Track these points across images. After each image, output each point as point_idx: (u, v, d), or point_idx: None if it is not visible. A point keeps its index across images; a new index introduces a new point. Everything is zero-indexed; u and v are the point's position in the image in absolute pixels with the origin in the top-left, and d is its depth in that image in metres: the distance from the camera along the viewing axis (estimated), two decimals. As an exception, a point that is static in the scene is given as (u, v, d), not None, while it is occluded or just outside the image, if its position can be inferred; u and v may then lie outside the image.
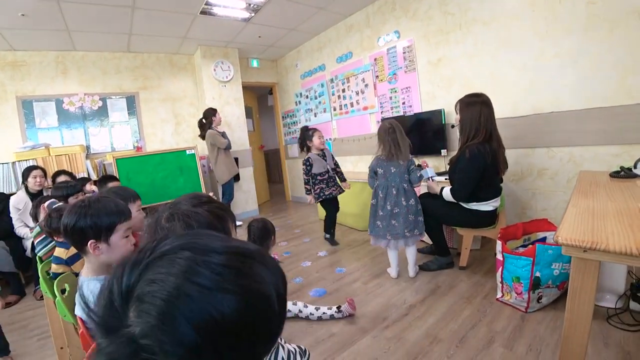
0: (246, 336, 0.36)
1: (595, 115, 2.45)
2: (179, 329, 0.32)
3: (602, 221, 1.09)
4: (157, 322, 0.32)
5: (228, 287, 0.35)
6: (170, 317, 0.32)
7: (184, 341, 0.32)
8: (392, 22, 3.87)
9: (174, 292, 0.33)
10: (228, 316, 0.34)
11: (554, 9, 2.57)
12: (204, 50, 4.97)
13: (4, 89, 4.03)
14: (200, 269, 0.36)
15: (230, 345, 0.34)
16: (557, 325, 1.79)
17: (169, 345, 0.32)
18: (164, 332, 0.32)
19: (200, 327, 0.33)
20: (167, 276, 0.35)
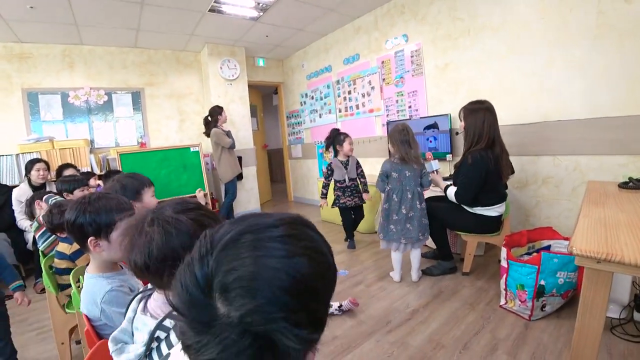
0: (321, 286, 0.43)
1: (602, 125, 2.45)
2: (274, 298, 0.37)
3: (614, 232, 1.09)
4: (253, 301, 0.36)
5: (297, 251, 0.41)
6: (263, 292, 0.37)
7: (281, 306, 0.37)
8: (401, 26, 3.87)
9: (256, 271, 0.38)
10: (306, 274, 0.40)
11: (564, 17, 2.56)
12: (211, 48, 4.97)
13: (10, 81, 4.02)
14: (269, 244, 0.41)
15: (312, 297, 0.41)
16: (560, 334, 1.79)
17: (270, 314, 0.36)
18: (263, 305, 0.36)
19: (289, 290, 0.38)
20: (242, 261, 0.39)
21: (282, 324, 0.36)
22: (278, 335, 0.36)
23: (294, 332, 0.37)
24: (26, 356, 2.01)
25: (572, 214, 2.69)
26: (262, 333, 0.36)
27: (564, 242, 2.22)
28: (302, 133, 6.02)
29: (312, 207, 5.73)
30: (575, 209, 2.66)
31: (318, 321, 0.42)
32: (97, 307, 1.09)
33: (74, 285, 1.44)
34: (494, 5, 2.98)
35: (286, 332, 0.37)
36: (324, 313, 0.44)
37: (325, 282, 0.44)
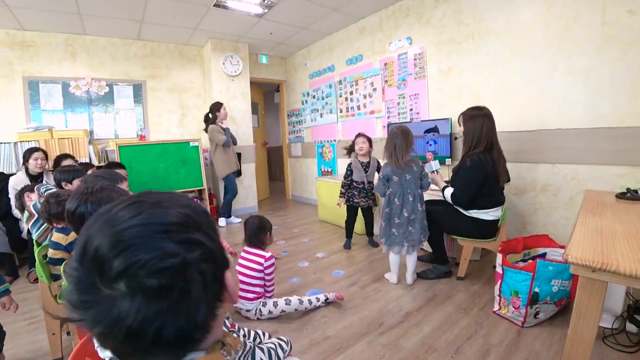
0: (192, 225, 0.44)
1: (603, 135, 2.45)
2: (160, 248, 0.39)
3: (610, 242, 1.09)
4: (132, 258, 0.38)
5: (160, 205, 0.44)
6: (147, 245, 0.39)
7: (168, 253, 0.39)
8: (405, 28, 3.87)
9: (114, 235, 0.40)
10: (171, 219, 0.42)
11: (568, 26, 2.57)
12: (215, 43, 4.96)
13: (12, 68, 4.01)
14: (134, 209, 0.43)
15: (187, 230, 0.43)
16: (553, 342, 1.79)
17: (160, 261, 0.38)
18: (152, 258, 0.38)
19: (167, 233, 0.40)
20: (101, 234, 0.40)
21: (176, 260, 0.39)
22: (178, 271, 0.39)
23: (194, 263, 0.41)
24: (17, 345, 2.00)
25: (569, 223, 2.69)
26: (153, 283, 0.37)
27: (560, 250, 2.22)
28: (303, 132, 6.02)
29: (310, 206, 5.73)
30: (572, 218, 2.67)
31: (203, 247, 0.43)
32: None
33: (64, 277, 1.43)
34: (498, 10, 2.98)
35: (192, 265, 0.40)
36: (211, 244, 0.45)
37: (195, 217, 0.46)
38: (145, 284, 0.37)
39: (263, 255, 2.14)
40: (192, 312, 0.40)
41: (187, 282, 0.39)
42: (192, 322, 0.40)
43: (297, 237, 3.92)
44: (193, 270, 0.40)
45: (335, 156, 5.22)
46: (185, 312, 0.39)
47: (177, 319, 0.39)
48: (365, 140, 3.33)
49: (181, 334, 0.39)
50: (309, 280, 2.71)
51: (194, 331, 0.41)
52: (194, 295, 0.40)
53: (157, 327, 0.37)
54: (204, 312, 0.41)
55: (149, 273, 0.37)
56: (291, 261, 3.14)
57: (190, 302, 0.39)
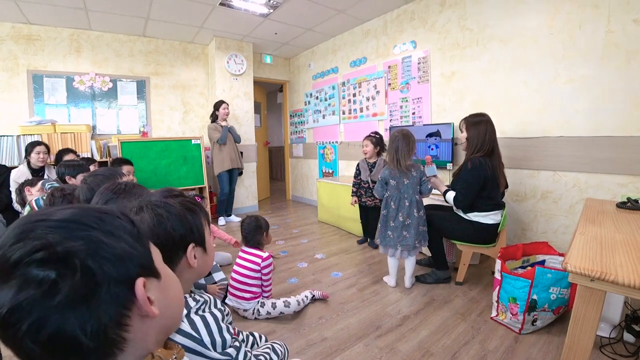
0: (91, 223, 0.41)
1: (604, 144, 2.45)
2: (46, 239, 0.36)
3: (610, 251, 1.09)
4: (27, 247, 0.36)
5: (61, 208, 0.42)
6: (35, 237, 0.36)
7: (52, 243, 0.36)
8: (410, 32, 3.88)
9: (25, 227, 0.38)
10: (66, 216, 0.40)
11: (572, 34, 2.57)
12: (219, 42, 4.97)
13: (16, 62, 4.02)
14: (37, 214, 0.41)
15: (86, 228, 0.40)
16: (549, 350, 1.79)
17: (45, 250, 0.36)
18: (36, 247, 0.36)
19: (57, 229, 0.38)
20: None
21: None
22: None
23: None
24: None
25: (569, 231, 2.69)
26: (34, 272, 0.34)
27: (559, 258, 2.23)
28: (305, 133, 6.02)
29: (310, 207, 5.73)
30: (572, 226, 2.67)
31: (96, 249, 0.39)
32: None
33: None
34: (503, 17, 2.99)
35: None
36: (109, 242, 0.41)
37: (101, 219, 0.43)
38: (26, 273, 0.34)
39: (260, 256, 2.14)
40: (78, 312, 0.35)
41: (60, 274, 0.35)
42: (77, 324, 0.35)
43: (296, 238, 3.93)
44: (71, 263, 0.35)
45: (336, 157, 5.22)
46: (72, 309, 0.35)
47: (63, 316, 0.34)
48: (368, 142, 3.35)
49: (63, 336, 0.35)
50: (307, 281, 2.72)
51: (81, 336, 0.35)
52: (70, 291, 0.35)
53: (34, 319, 0.34)
54: (97, 314, 0.36)
55: (32, 262, 0.35)
56: (290, 262, 3.14)
57: (66, 299, 0.34)
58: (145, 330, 0.43)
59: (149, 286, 0.43)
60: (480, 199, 2.38)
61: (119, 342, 0.39)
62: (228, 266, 2.95)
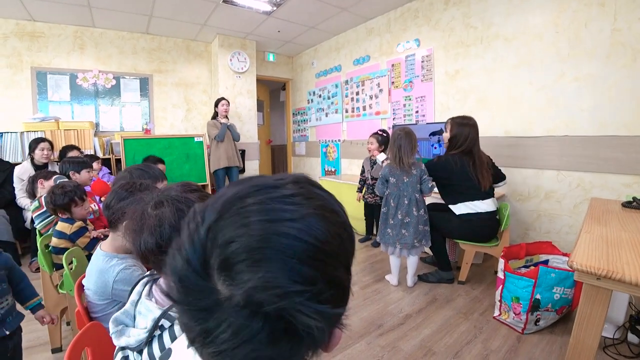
0: (339, 249, 0.36)
1: (609, 143, 2.43)
2: (285, 269, 0.31)
3: (616, 250, 1.08)
4: (260, 274, 0.30)
5: (309, 211, 0.34)
6: (271, 263, 0.31)
7: (296, 277, 0.31)
8: (413, 30, 3.86)
9: (265, 237, 0.31)
10: (322, 237, 0.33)
11: (578, 32, 2.55)
12: (222, 40, 4.96)
13: (20, 59, 4.03)
14: (277, 205, 0.34)
15: (330, 263, 0.34)
16: (552, 350, 1.78)
17: (282, 288, 0.30)
18: (272, 279, 0.30)
19: (304, 257, 0.32)
20: (244, 229, 0.32)
21: (298, 299, 0.30)
22: (295, 314, 0.30)
23: (313, 308, 0.31)
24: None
25: (573, 230, 2.68)
26: (276, 313, 0.30)
27: (563, 258, 2.21)
28: (307, 131, 6.01)
29: (311, 205, 5.72)
30: (575, 226, 2.65)
31: (341, 291, 0.36)
32: (108, 285, 1.11)
33: (66, 266, 1.44)
34: (508, 15, 2.96)
35: (304, 308, 0.30)
36: (347, 280, 0.38)
37: (343, 244, 0.37)
38: (259, 303, 0.30)
39: None
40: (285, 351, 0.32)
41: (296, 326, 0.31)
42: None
43: (298, 236, 3.91)
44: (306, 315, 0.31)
45: (339, 156, 5.21)
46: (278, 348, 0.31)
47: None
48: (374, 140, 3.33)
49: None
50: (309, 279, 2.71)
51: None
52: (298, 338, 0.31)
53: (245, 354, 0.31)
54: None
55: (265, 299, 0.30)
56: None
57: (290, 344, 0.31)
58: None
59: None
60: (451, 191, 2.51)
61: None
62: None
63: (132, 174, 1.71)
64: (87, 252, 1.75)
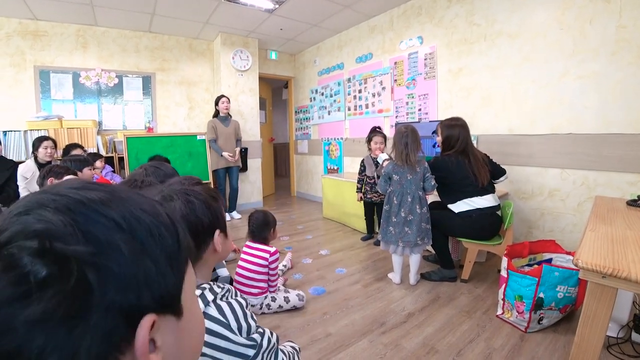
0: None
1: (614, 141, 2.42)
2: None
3: (621, 248, 1.07)
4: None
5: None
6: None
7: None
8: (416, 27, 3.84)
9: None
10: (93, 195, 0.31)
11: (583, 29, 2.53)
12: (225, 38, 4.96)
13: (23, 58, 4.04)
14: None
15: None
16: (556, 348, 1.77)
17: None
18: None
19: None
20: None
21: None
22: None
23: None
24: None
25: (576, 229, 2.66)
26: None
27: (567, 257, 2.20)
28: (310, 129, 6.01)
29: (315, 203, 5.73)
30: (579, 224, 2.64)
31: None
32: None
33: None
34: (512, 12, 2.94)
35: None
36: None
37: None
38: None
39: (268, 250, 2.14)
40: (45, 333, 0.24)
41: (49, 277, 0.25)
42: (41, 350, 0.24)
43: (301, 234, 3.92)
44: (66, 267, 0.26)
45: (341, 154, 5.20)
46: (29, 322, 0.24)
47: (17, 326, 0.24)
48: (382, 139, 3.37)
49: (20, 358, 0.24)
50: (312, 277, 2.71)
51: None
52: (51, 304, 0.24)
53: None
54: (68, 347, 0.25)
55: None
56: (294, 257, 3.13)
57: (43, 313, 0.24)
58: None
59: (160, 325, 0.32)
60: (448, 190, 2.54)
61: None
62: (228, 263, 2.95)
63: (147, 170, 1.72)
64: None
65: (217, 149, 4.41)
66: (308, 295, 2.39)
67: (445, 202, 2.59)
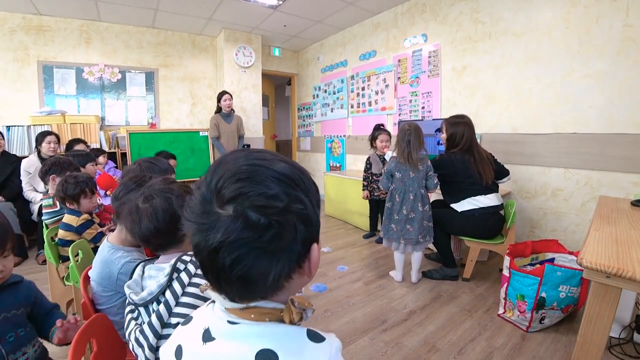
0: (303, 184, 0.47)
1: (619, 141, 2.40)
2: (259, 183, 0.43)
3: (626, 248, 1.06)
4: (240, 186, 0.42)
5: (278, 159, 0.48)
6: (249, 180, 0.43)
7: (274, 196, 0.43)
8: (421, 25, 3.82)
9: (247, 169, 0.44)
10: (287, 172, 0.46)
11: (589, 28, 2.51)
12: (228, 34, 4.95)
13: (27, 53, 4.05)
14: (255, 155, 0.47)
15: (297, 189, 0.46)
16: (557, 348, 1.77)
17: (266, 200, 0.42)
18: (248, 187, 0.42)
19: (278, 181, 0.44)
20: (238, 167, 0.45)
21: (276, 209, 0.42)
22: (278, 220, 0.42)
23: (295, 212, 0.44)
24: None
25: (579, 229, 2.65)
26: (265, 221, 0.41)
27: (569, 256, 2.19)
28: (312, 126, 6.00)
29: (316, 201, 5.72)
30: (582, 224, 2.63)
31: (306, 213, 0.46)
32: (112, 276, 1.13)
33: (72, 259, 1.45)
34: (517, 10, 2.92)
35: (287, 216, 0.43)
36: (311, 211, 0.47)
37: (304, 180, 0.48)
38: (247, 213, 0.41)
39: None
40: (272, 258, 0.42)
41: (281, 229, 0.42)
42: (267, 267, 0.42)
43: (302, 231, 3.91)
44: (290, 221, 0.43)
45: (344, 151, 5.20)
46: (268, 254, 0.42)
47: (258, 257, 0.42)
48: (388, 137, 3.39)
49: (253, 273, 0.42)
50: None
51: (263, 278, 0.43)
52: (282, 244, 0.42)
53: (239, 254, 0.41)
54: (282, 265, 0.43)
55: (253, 206, 0.41)
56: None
57: (275, 248, 0.42)
58: (297, 283, 0.49)
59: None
60: (454, 189, 2.52)
61: (281, 287, 0.46)
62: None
63: (141, 166, 1.72)
64: (93, 245, 1.76)
65: (220, 148, 4.40)
66: (309, 292, 2.39)
67: (449, 202, 2.58)
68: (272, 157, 0.47)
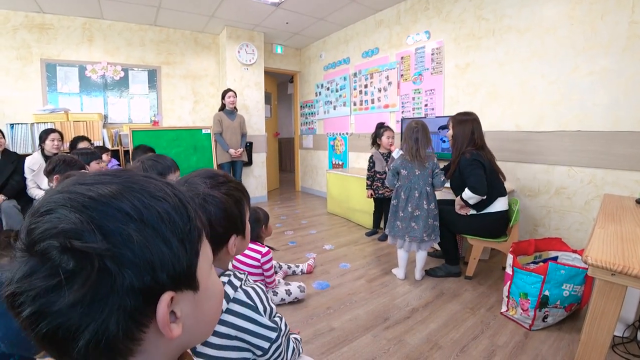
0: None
1: (624, 139, 2.38)
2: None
3: (631, 246, 1.05)
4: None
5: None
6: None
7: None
8: (424, 22, 3.80)
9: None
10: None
11: (594, 24, 2.49)
12: (230, 31, 4.94)
13: (30, 51, 4.06)
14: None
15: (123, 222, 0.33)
16: (560, 347, 1.76)
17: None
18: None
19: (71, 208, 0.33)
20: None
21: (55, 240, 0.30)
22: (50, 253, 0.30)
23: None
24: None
25: (583, 228, 2.64)
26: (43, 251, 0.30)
27: (572, 255, 2.18)
28: (315, 124, 6.00)
29: (319, 198, 5.72)
30: (586, 223, 2.61)
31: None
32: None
33: None
34: (521, 6, 2.90)
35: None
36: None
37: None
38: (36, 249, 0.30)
39: (259, 251, 2.12)
40: (78, 313, 0.30)
41: (77, 269, 0.30)
42: (79, 326, 0.30)
43: (305, 229, 3.92)
44: (90, 260, 0.30)
45: (346, 149, 5.19)
46: (64, 307, 0.29)
47: (55, 310, 0.30)
48: (392, 134, 3.38)
49: (62, 334, 0.30)
50: (316, 271, 2.72)
51: (81, 340, 0.30)
52: (81, 290, 0.29)
53: (33, 310, 0.30)
54: (98, 323, 0.30)
55: (40, 239, 0.30)
56: (298, 252, 3.14)
57: (74, 298, 0.29)
58: (160, 345, 0.36)
59: (179, 299, 0.36)
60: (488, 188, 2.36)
61: (125, 352, 0.33)
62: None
63: (145, 164, 1.70)
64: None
65: (223, 143, 4.41)
66: (312, 289, 2.40)
67: (483, 193, 2.32)
68: (97, 179, 0.36)
